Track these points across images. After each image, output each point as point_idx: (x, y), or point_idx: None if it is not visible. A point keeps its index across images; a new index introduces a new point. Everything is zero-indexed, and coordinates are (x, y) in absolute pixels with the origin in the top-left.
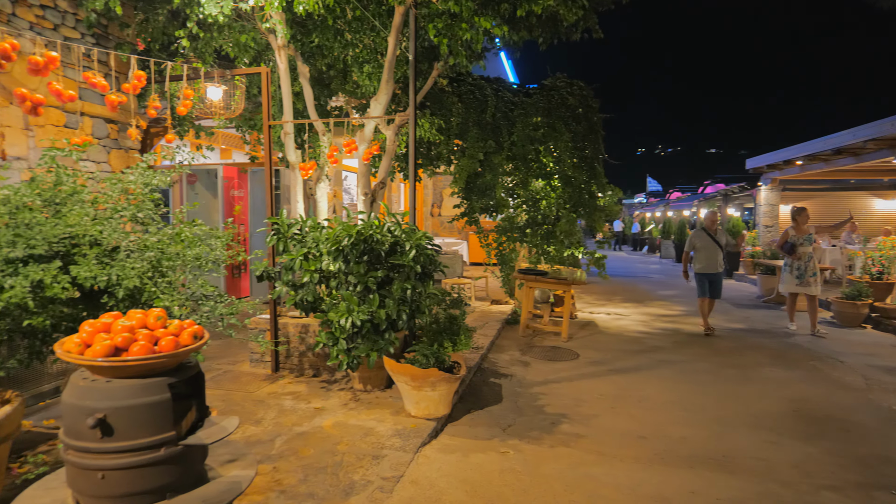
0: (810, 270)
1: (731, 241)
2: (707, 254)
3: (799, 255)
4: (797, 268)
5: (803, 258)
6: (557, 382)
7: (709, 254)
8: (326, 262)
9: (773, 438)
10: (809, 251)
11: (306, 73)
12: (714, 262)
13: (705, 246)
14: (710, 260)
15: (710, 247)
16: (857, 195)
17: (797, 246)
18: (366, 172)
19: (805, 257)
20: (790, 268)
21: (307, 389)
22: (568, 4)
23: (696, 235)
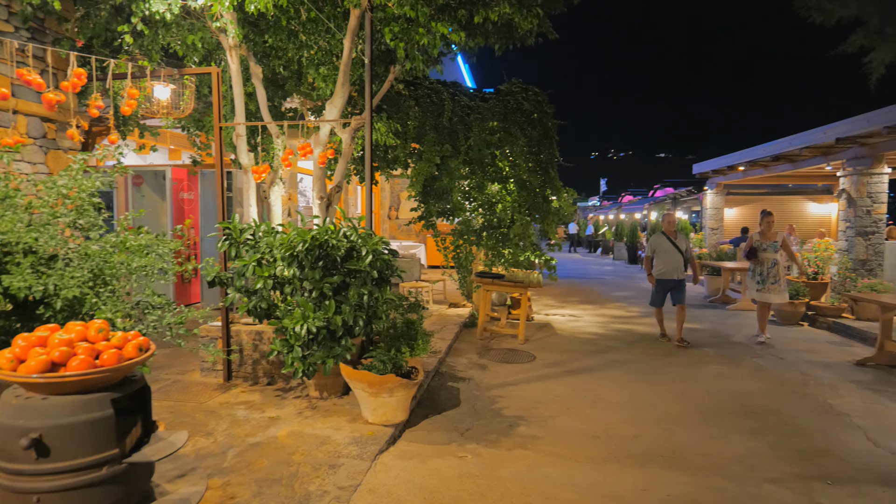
0: (772, 277)
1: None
2: (667, 259)
3: (760, 261)
4: (759, 273)
5: (765, 264)
6: (515, 385)
7: (669, 259)
8: (281, 268)
9: (719, 434)
10: (773, 257)
11: (259, 74)
12: (675, 268)
13: (665, 250)
14: (671, 265)
15: (671, 251)
16: (795, 199)
17: (759, 251)
18: (321, 176)
19: (767, 263)
20: (752, 273)
21: (261, 398)
22: (523, 13)
23: (655, 240)
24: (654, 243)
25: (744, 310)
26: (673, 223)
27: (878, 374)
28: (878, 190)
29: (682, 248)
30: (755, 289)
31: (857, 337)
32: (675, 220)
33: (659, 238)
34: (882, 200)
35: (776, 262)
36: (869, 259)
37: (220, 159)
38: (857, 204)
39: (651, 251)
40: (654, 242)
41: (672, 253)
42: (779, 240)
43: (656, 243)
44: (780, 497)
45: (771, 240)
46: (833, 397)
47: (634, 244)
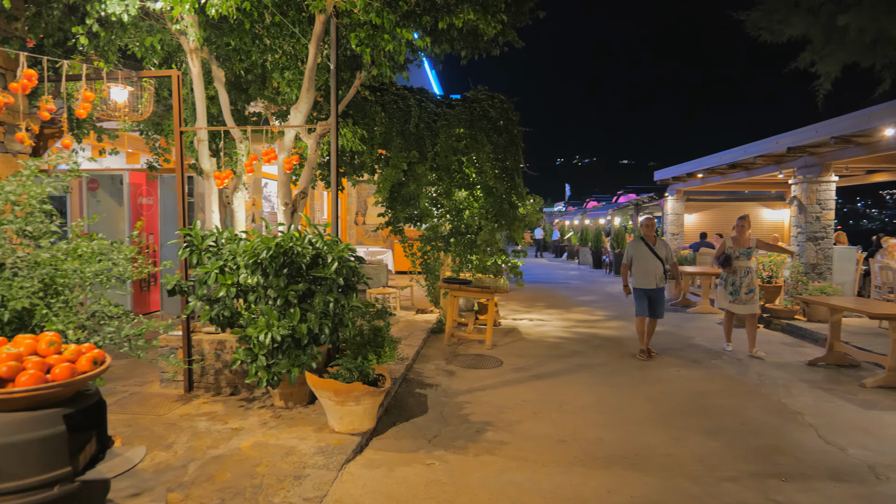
0: (745, 286)
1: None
2: (645, 267)
3: (734, 269)
4: (731, 283)
5: (738, 272)
6: (482, 390)
7: (647, 267)
8: (244, 276)
9: (680, 435)
10: (746, 265)
11: (222, 78)
12: (653, 277)
13: (643, 258)
14: (649, 274)
15: (649, 259)
16: (750, 205)
17: (732, 258)
18: (286, 182)
19: (741, 272)
20: (725, 282)
21: (224, 409)
22: (487, 19)
23: (633, 246)
24: (632, 250)
25: (703, 313)
26: (652, 227)
27: (829, 373)
28: (826, 197)
29: (662, 255)
30: (727, 299)
31: (809, 338)
32: (655, 225)
33: (637, 245)
34: (830, 207)
35: (750, 271)
36: (819, 263)
37: (180, 164)
38: (807, 210)
39: (628, 258)
40: (631, 249)
41: (651, 260)
42: (752, 245)
43: (634, 250)
44: (738, 495)
45: (744, 246)
46: (787, 397)
47: (599, 249)
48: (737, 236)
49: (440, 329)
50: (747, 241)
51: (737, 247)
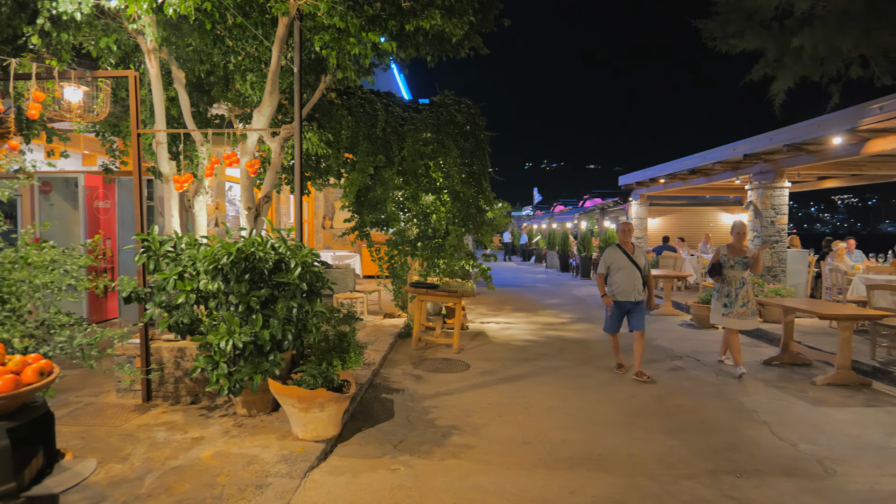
0: (740, 299)
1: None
2: (624, 277)
3: (727, 280)
4: (725, 294)
5: (732, 283)
6: (449, 394)
7: (626, 277)
8: (204, 282)
9: (641, 435)
10: (741, 276)
11: (182, 79)
12: (633, 287)
13: (621, 267)
14: (628, 284)
15: (627, 268)
16: (710, 210)
17: (724, 267)
18: (249, 186)
19: (735, 282)
20: (718, 294)
21: (184, 418)
22: (454, 21)
23: (610, 254)
24: (609, 258)
25: (666, 315)
26: (630, 234)
27: (783, 371)
28: (780, 202)
29: (641, 263)
30: (720, 312)
31: (764, 338)
32: (633, 231)
33: (614, 252)
34: (784, 212)
35: (745, 282)
36: (774, 266)
37: (137, 167)
38: (762, 215)
39: (605, 267)
40: (608, 257)
41: (629, 270)
42: (749, 255)
43: (611, 258)
44: (695, 492)
45: (740, 255)
46: (743, 395)
47: (566, 252)
48: (733, 243)
49: (408, 333)
50: (744, 250)
51: (731, 255)
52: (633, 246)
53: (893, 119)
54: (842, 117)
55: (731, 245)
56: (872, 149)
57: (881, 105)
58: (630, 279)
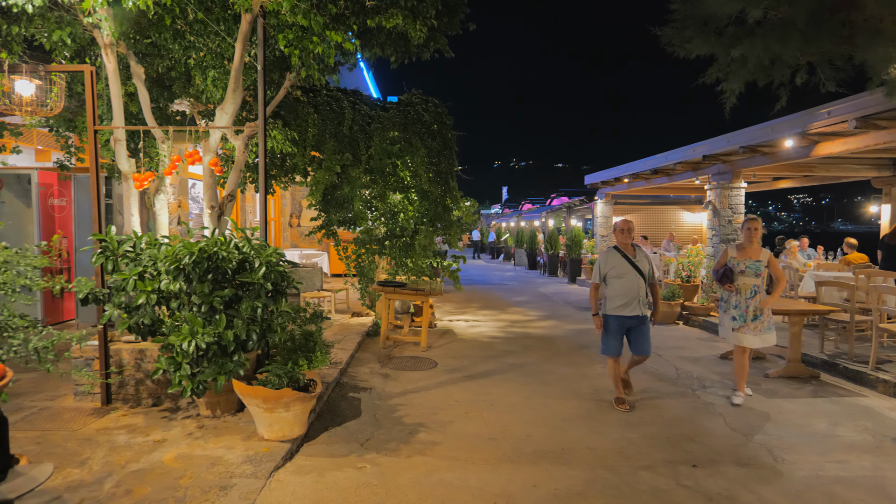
0: (753, 311)
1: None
2: (625, 286)
3: (737, 288)
4: (735, 305)
5: (743, 292)
6: (416, 392)
7: (627, 286)
8: (166, 282)
9: (602, 428)
10: (754, 283)
11: (141, 74)
12: (635, 300)
13: (621, 274)
14: (630, 295)
15: (628, 276)
16: (673, 209)
17: (735, 273)
18: (212, 184)
19: (746, 291)
20: (726, 304)
21: (145, 421)
22: (416, 25)
23: (606, 258)
24: (605, 264)
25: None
26: (630, 233)
27: None
28: (737, 202)
29: (645, 269)
30: (729, 327)
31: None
32: (633, 229)
33: (611, 257)
34: (740, 211)
35: (757, 290)
36: None
37: (94, 164)
38: (720, 214)
39: (600, 276)
40: (604, 263)
41: (632, 277)
42: (763, 259)
43: (608, 264)
44: (652, 482)
45: (752, 258)
46: (699, 389)
47: (534, 251)
48: (743, 243)
49: (375, 332)
50: (757, 252)
51: (742, 258)
52: (634, 248)
53: (841, 123)
54: (793, 121)
55: (739, 245)
56: (822, 151)
57: (829, 110)
58: (632, 288)
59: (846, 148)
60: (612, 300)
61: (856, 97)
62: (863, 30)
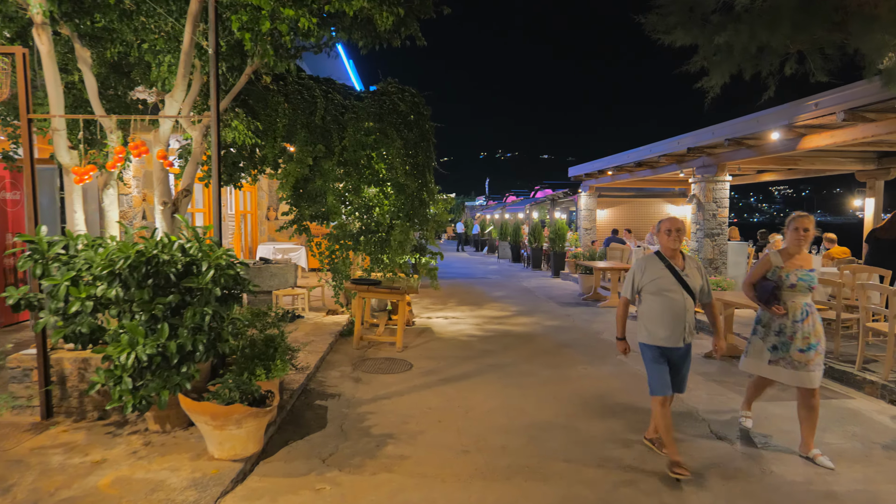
0: (801, 339)
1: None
2: (668, 306)
3: (783, 308)
4: (777, 331)
5: (792, 312)
6: (388, 398)
7: (671, 307)
8: (102, 288)
9: (581, 438)
10: (805, 301)
11: (87, 59)
12: (681, 324)
13: (665, 289)
14: (675, 319)
15: (674, 292)
16: (656, 202)
17: (783, 288)
18: (165, 178)
19: (796, 311)
20: (765, 329)
21: (86, 438)
22: (382, 10)
23: (644, 267)
24: (644, 273)
25: (612, 306)
26: (679, 237)
27: (722, 365)
28: (721, 196)
29: (696, 285)
30: (764, 357)
31: (706, 330)
32: (683, 230)
33: (652, 265)
34: (725, 205)
35: (810, 311)
36: (715, 258)
37: (29, 156)
38: (704, 208)
39: (633, 288)
40: (641, 271)
41: (678, 295)
42: (813, 268)
43: (647, 273)
44: (633, 499)
45: (804, 266)
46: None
47: (517, 243)
48: (789, 248)
49: (350, 331)
50: (808, 260)
51: (791, 267)
52: (683, 257)
53: (828, 116)
54: (779, 113)
55: (785, 251)
56: (808, 144)
57: (816, 102)
58: (678, 311)
59: (833, 141)
60: (650, 325)
61: (843, 88)
62: (856, 16)
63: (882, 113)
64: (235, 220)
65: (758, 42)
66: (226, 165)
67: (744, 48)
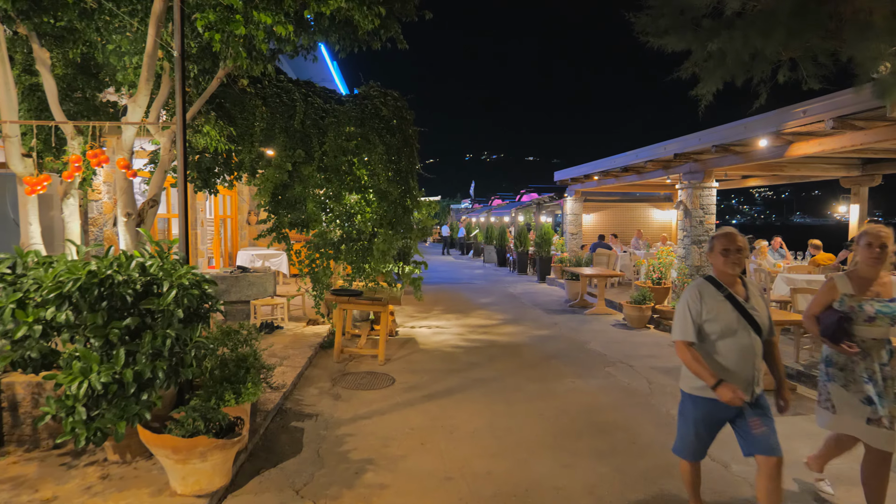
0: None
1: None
2: (733, 350)
3: (861, 347)
4: (866, 377)
5: (874, 354)
6: (368, 418)
7: (736, 350)
8: (51, 311)
9: (570, 461)
10: (886, 337)
11: (46, 60)
12: (749, 370)
13: (727, 331)
14: (741, 365)
15: (739, 332)
16: (642, 206)
17: (855, 321)
18: (129, 188)
19: (880, 353)
20: (845, 375)
21: (38, 471)
22: (363, 10)
23: (701, 298)
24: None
25: (600, 314)
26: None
27: None
28: (708, 202)
29: (765, 321)
30: (861, 414)
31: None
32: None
33: (709, 294)
34: (712, 212)
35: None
36: (703, 265)
37: None
38: (692, 215)
39: (695, 327)
40: (697, 302)
41: (744, 335)
42: None
43: (704, 306)
44: None
45: (884, 294)
46: (674, 406)
47: (503, 247)
48: (861, 269)
49: (331, 343)
50: (890, 285)
51: (865, 295)
52: (743, 283)
53: (817, 123)
54: (767, 120)
55: (854, 273)
56: (796, 152)
57: (804, 109)
58: (746, 355)
59: (822, 149)
60: (714, 370)
61: (832, 96)
62: (851, 23)
63: (871, 121)
64: (215, 225)
65: (751, 48)
66: (200, 171)
67: (737, 54)
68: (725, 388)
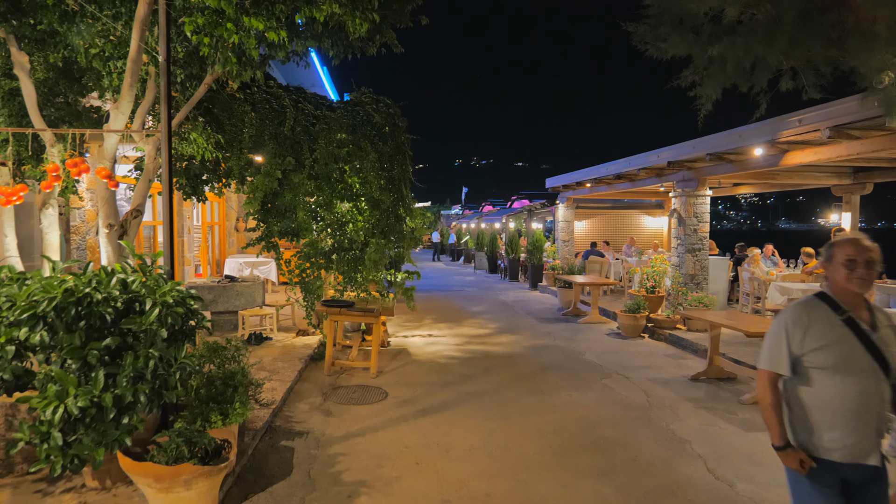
0: None
1: None
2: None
3: None
4: None
5: None
6: (361, 435)
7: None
8: (25, 332)
9: (571, 480)
10: None
11: (25, 64)
12: (874, 423)
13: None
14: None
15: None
16: (634, 213)
17: None
18: (110, 198)
19: None
20: None
21: (11, 499)
22: (356, 15)
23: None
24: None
25: (593, 323)
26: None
27: (710, 388)
28: (702, 210)
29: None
30: None
31: (690, 348)
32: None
33: (819, 317)
34: (705, 220)
35: None
36: (696, 274)
37: None
38: (686, 223)
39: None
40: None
41: (865, 372)
42: None
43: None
44: None
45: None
46: (674, 421)
47: (494, 254)
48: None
49: (321, 355)
50: None
51: None
52: (870, 308)
53: (813, 132)
54: (761, 128)
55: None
56: (791, 161)
57: (800, 118)
58: (870, 400)
59: (817, 157)
60: (812, 420)
61: (828, 105)
62: (854, 32)
63: (867, 130)
64: (202, 233)
65: (752, 56)
66: (188, 178)
67: (738, 62)
68: (790, 456)
